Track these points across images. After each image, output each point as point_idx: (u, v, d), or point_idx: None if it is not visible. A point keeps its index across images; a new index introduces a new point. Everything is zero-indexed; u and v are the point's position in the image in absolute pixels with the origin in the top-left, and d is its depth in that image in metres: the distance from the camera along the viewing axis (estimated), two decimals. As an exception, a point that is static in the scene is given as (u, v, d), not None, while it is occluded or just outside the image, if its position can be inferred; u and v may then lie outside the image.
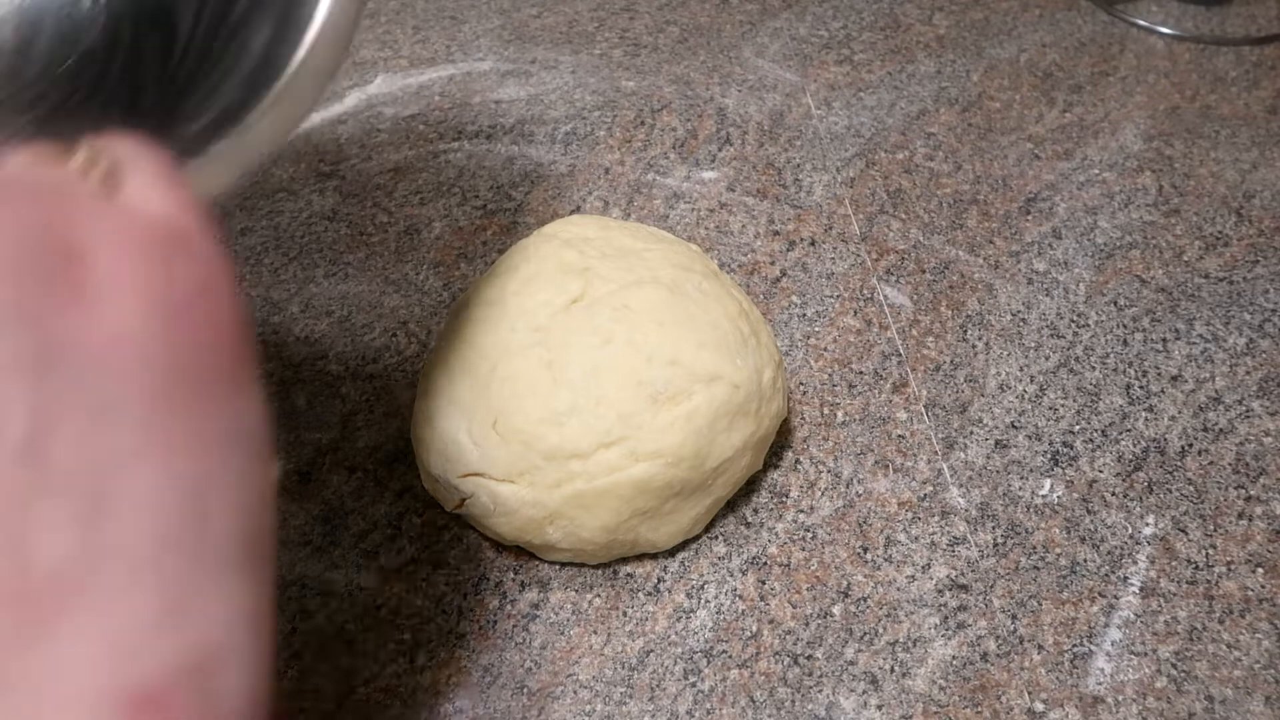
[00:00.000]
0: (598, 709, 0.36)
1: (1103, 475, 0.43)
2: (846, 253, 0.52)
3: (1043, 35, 0.67)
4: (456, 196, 0.55)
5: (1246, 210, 0.54)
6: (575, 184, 0.56)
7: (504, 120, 0.60)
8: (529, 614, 0.38)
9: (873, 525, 0.41)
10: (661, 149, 0.58)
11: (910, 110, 0.61)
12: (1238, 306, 0.49)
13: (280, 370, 0.46)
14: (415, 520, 0.41)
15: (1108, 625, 0.38)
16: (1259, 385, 0.46)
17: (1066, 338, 0.48)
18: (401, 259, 0.52)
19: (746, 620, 0.38)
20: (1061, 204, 0.55)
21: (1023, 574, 0.39)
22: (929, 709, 0.35)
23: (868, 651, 0.37)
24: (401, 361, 0.47)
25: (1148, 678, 0.36)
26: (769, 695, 0.36)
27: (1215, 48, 0.66)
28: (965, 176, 0.57)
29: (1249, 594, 0.39)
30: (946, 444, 0.44)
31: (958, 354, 0.47)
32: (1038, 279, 0.51)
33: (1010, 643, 0.37)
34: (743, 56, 0.65)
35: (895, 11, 0.70)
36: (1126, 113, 0.61)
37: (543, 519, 0.36)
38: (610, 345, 0.37)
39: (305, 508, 0.41)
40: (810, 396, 0.45)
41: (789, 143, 0.59)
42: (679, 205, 0.54)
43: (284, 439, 0.44)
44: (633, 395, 0.36)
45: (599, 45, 0.66)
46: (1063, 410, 0.45)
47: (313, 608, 0.38)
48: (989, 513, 0.41)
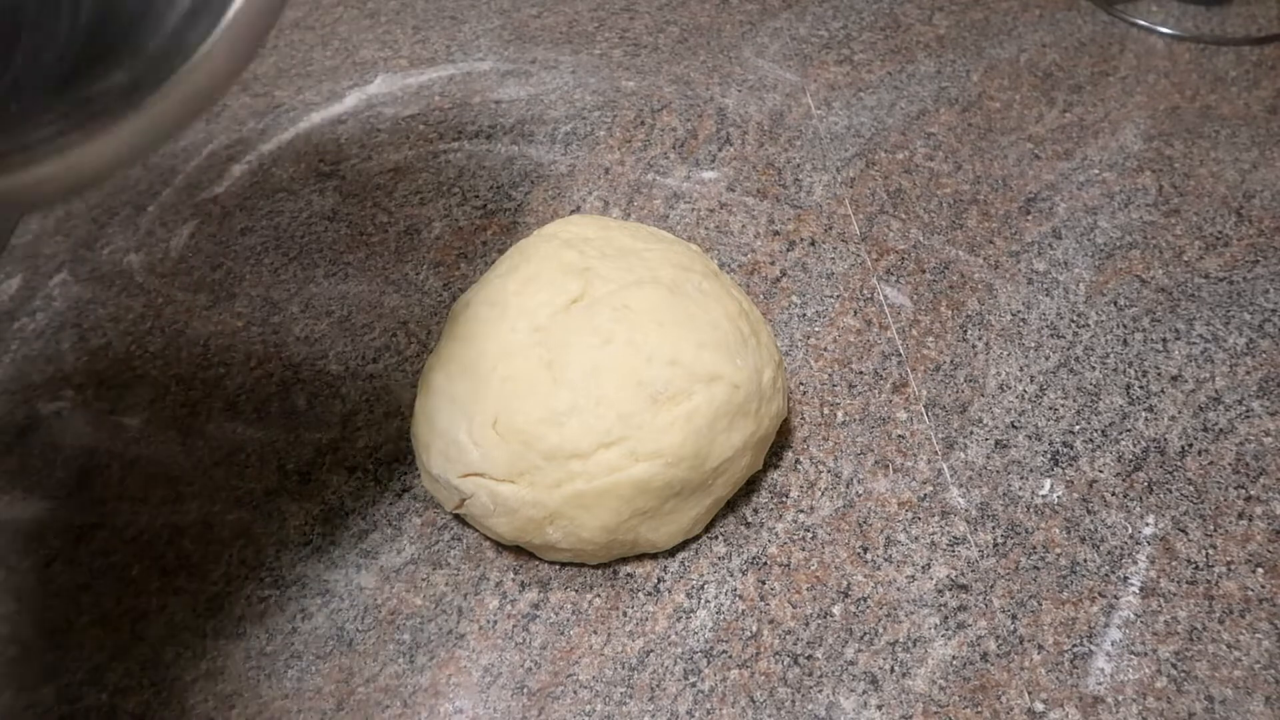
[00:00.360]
0: (598, 709, 0.36)
1: (1103, 475, 0.43)
2: (846, 253, 0.52)
3: (1043, 35, 0.67)
4: (456, 196, 0.55)
5: (1246, 210, 0.54)
6: (575, 184, 0.56)
7: (504, 120, 0.60)
8: (529, 614, 0.38)
9: (873, 525, 0.41)
10: (661, 149, 0.58)
11: (910, 110, 0.61)
12: (1238, 306, 0.49)
13: (280, 370, 0.46)
14: (415, 520, 0.41)
15: (1108, 625, 0.38)
16: (1259, 385, 0.46)
17: (1066, 338, 0.48)
18: (401, 259, 0.52)
19: (746, 620, 0.38)
20: (1061, 204, 0.55)
21: (1023, 574, 0.39)
22: (929, 709, 0.35)
23: (868, 651, 0.37)
24: (401, 361, 0.47)
25: (1148, 678, 0.36)
26: (769, 695, 0.36)
27: (1215, 48, 0.66)
28: (965, 176, 0.57)
29: (1249, 594, 0.39)
30: (946, 444, 0.44)
31: (958, 354, 0.47)
32: (1038, 279, 0.51)
33: (1010, 643, 0.37)
34: (743, 56, 0.65)
35: (895, 11, 0.70)
36: (1126, 113, 0.61)
37: (543, 519, 0.36)
38: (610, 345, 0.37)
39: (305, 508, 0.41)
40: (810, 396, 0.45)
41: (789, 143, 0.59)
42: (679, 205, 0.54)
43: (284, 439, 0.44)
44: (633, 395, 0.36)
45: (599, 45, 0.66)
46: (1063, 410, 0.45)
47: (313, 608, 0.38)
48: (989, 513, 0.41)
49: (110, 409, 0.45)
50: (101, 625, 0.38)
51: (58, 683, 0.36)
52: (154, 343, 0.48)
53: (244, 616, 0.38)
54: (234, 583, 0.39)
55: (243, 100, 0.61)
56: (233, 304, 0.49)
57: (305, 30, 0.68)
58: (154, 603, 0.39)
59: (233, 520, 0.41)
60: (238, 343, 0.48)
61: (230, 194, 0.55)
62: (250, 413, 0.45)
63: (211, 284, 0.51)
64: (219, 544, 0.40)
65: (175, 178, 0.56)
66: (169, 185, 0.56)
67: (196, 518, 0.41)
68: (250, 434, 0.44)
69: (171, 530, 0.41)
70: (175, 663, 0.37)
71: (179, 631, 0.38)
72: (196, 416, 0.45)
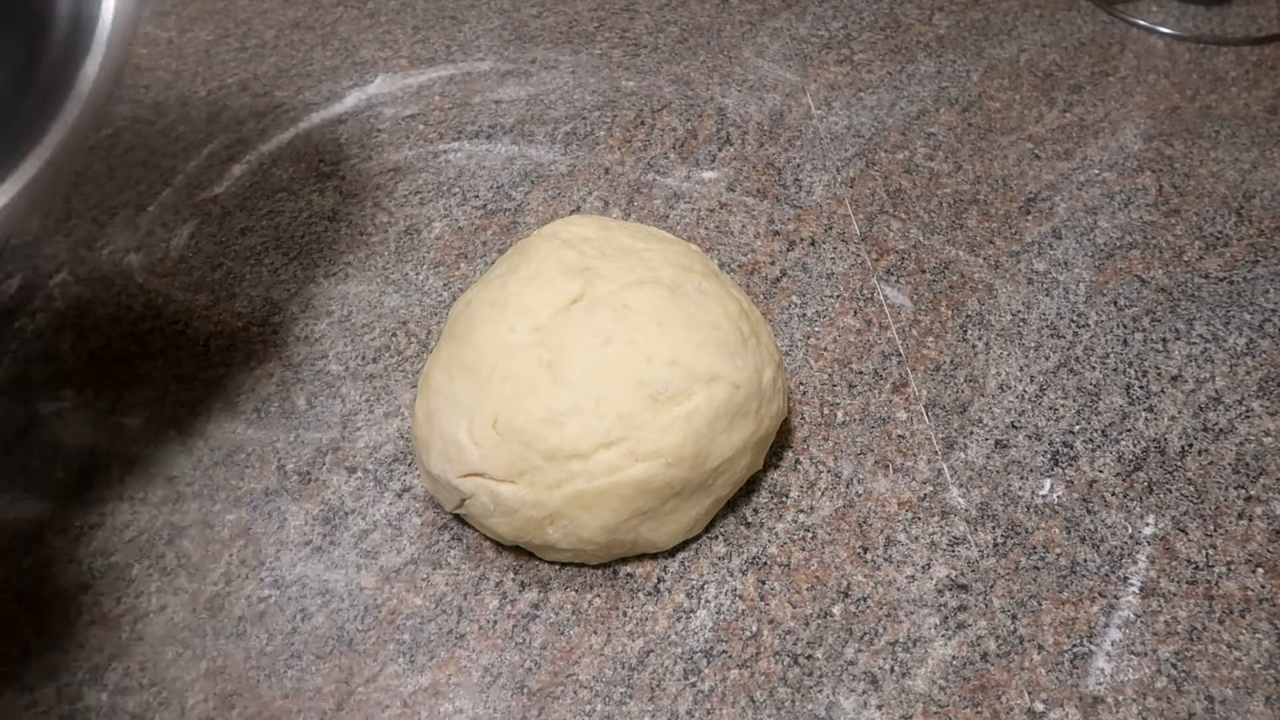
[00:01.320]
0: (598, 709, 0.36)
1: (1103, 475, 0.43)
2: (846, 253, 0.52)
3: (1043, 35, 0.67)
4: (456, 196, 0.55)
5: (1246, 210, 0.54)
6: (575, 184, 0.56)
7: (504, 120, 0.60)
8: (529, 614, 0.38)
9: (873, 525, 0.41)
10: (661, 149, 0.58)
11: (910, 110, 0.61)
12: (1238, 306, 0.49)
13: (280, 370, 0.46)
14: (415, 520, 0.41)
15: (1108, 625, 0.38)
16: (1259, 385, 0.46)
17: (1066, 338, 0.48)
18: (401, 259, 0.52)
19: (746, 620, 0.38)
20: (1061, 204, 0.55)
21: (1023, 574, 0.39)
22: (929, 709, 0.35)
23: (868, 651, 0.37)
24: (401, 361, 0.47)
25: (1148, 678, 0.36)
26: (769, 695, 0.36)
27: (1215, 48, 0.66)
28: (965, 176, 0.57)
29: (1249, 594, 0.39)
30: (946, 444, 0.44)
31: (958, 354, 0.47)
32: (1038, 279, 0.51)
33: (1010, 643, 0.37)
34: (743, 56, 0.65)
35: (895, 11, 0.70)
36: (1126, 113, 0.61)
37: (543, 519, 0.36)
38: (610, 345, 0.37)
39: (305, 508, 0.41)
40: (810, 396, 0.45)
41: (789, 143, 0.59)
42: (679, 205, 0.54)
43: (284, 439, 0.44)
44: (633, 395, 0.36)
45: (599, 45, 0.66)
46: (1063, 410, 0.45)
47: (313, 608, 0.38)
48: (989, 513, 0.41)
49: (110, 409, 0.45)
50: (101, 625, 0.38)
51: (58, 683, 0.36)
52: (154, 343, 0.48)
53: (244, 616, 0.38)
54: (234, 583, 0.39)
55: (243, 100, 0.61)
56: (233, 304, 0.49)
57: (305, 30, 0.68)
58: (154, 603, 0.39)
59: (233, 520, 0.41)
60: (238, 343, 0.48)
61: (230, 194, 0.55)
62: (250, 413, 0.45)
63: (211, 284, 0.51)
64: (219, 544, 0.40)
65: (175, 178, 0.56)
66: (169, 185, 0.56)
67: (196, 518, 0.41)
68: (250, 434, 0.44)
69: (171, 530, 0.41)
70: (175, 663, 0.37)
71: (179, 631, 0.38)
72: (196, 416, 0.45)
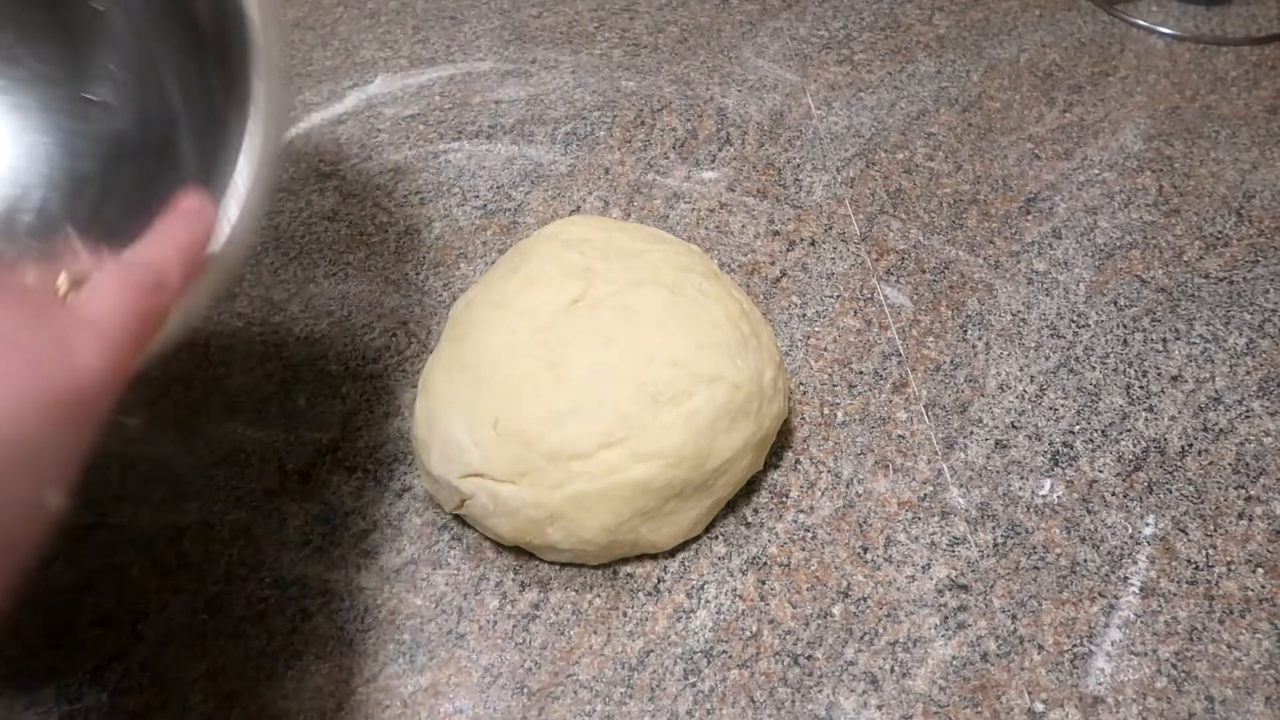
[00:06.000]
0: (598, 709, 0.36)
1: (1103, 475, 0.43)
2: (846, 253, 0.52)
3: (1043, 35, 0.67)
4: (456, 196, 0.55)
5: (1246, 210, 0.54)
6: (575, 184, 0.56)
7: (504, 120, 0.60)
8: (529, 614, 0.38)
9: (873, 525, 0.41)
10: (661, 149, 0.58)
11: (910, 110, 0.61)
12: (1238, 306, 0.49)
13: (280, 370, 0.46)
14: (415, 520, 0.41)
15: (1108, 625, 0.38)
16: (1259, 385, 0.46)
17: (1066, 338, 0.48)
18: (401, 259, 0.52)
19: (746, 620, 0.38)
20: (1061, 204, 0.55)
21: (1023, 574, 0.39)
22: (929, 709, 0.35)
23: (868, 651, 0.37)
24: (401, 361, 0.47)
25: (1148, 678, 0.36)
26: (769, 695, 0.36)
27: (1215, 48, 0.66)
28: (965, 176, 0.57)
29: (1249, 594, 0.39)
30: (946, 444, 0.44)
31: (958, 354, 0.47)
32: (1038, 279, 0.51)
33: (1010, 643, 0.37)
34: (743, 56, 0.65)
35: (895, 11, 0.70)
36: (1126, 113, 0.61)
37: (543, 519, 0.36)
38: (611, 346, 0.37)
39: (305, 508, 0.41)
40: (810, 396, 0.45)
41: (789, 143, 0.59)
42: (679, 205, 0.54)
43: (284, 439, 0.44)
44: (634, 396, 0.36)
45: (599, 45, 0.66)
46: (1063, 410, 0.45)
47: (313, 608, 0.38)
48: (989, 513, 0.41)
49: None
50: (101, 625, 0.38)
51: (58, 683, 0.36)
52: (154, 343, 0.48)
53: (244, 616, 0.38)
54: (234, 583, 0.39)
55: (243, 100, 0.61)
56: (233, 304, 0.49)
57: (305, 30, 0.68)
58: (154, 603, 0.39)
59: (233, 520, 0.41)
60: (238, 343, 0.48)
61: (230, 194, 0.55)
62: (250, 413, 0.45)
63: (211, 284, 0.50)
64: (219, 544, 0.40)
65: (175, 178, 0.56)
66: (169, 185, 0.56)
67: (196, 518, 0.41)
68: (250, 434, 0.44)
69: (171, 530, 0.41)
70: (175, 663, 0.37)
71: (179, 631, 0.38)
72: (196, 416, 0.45)
